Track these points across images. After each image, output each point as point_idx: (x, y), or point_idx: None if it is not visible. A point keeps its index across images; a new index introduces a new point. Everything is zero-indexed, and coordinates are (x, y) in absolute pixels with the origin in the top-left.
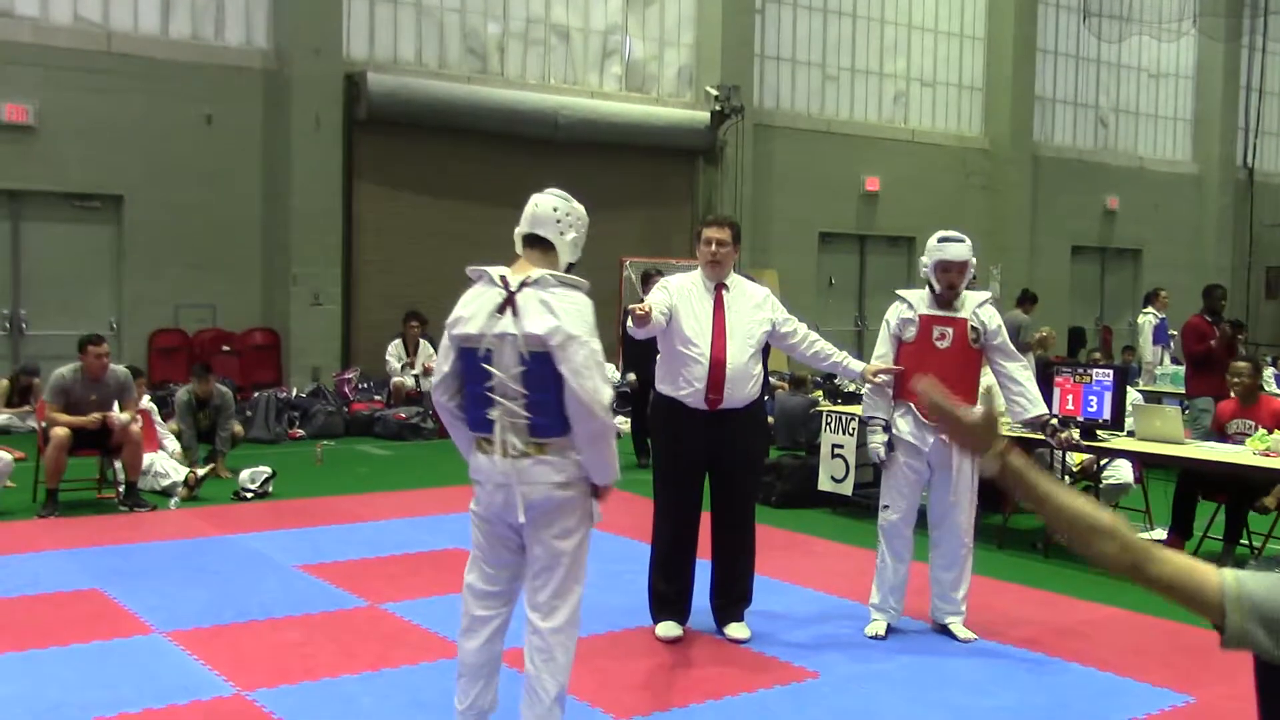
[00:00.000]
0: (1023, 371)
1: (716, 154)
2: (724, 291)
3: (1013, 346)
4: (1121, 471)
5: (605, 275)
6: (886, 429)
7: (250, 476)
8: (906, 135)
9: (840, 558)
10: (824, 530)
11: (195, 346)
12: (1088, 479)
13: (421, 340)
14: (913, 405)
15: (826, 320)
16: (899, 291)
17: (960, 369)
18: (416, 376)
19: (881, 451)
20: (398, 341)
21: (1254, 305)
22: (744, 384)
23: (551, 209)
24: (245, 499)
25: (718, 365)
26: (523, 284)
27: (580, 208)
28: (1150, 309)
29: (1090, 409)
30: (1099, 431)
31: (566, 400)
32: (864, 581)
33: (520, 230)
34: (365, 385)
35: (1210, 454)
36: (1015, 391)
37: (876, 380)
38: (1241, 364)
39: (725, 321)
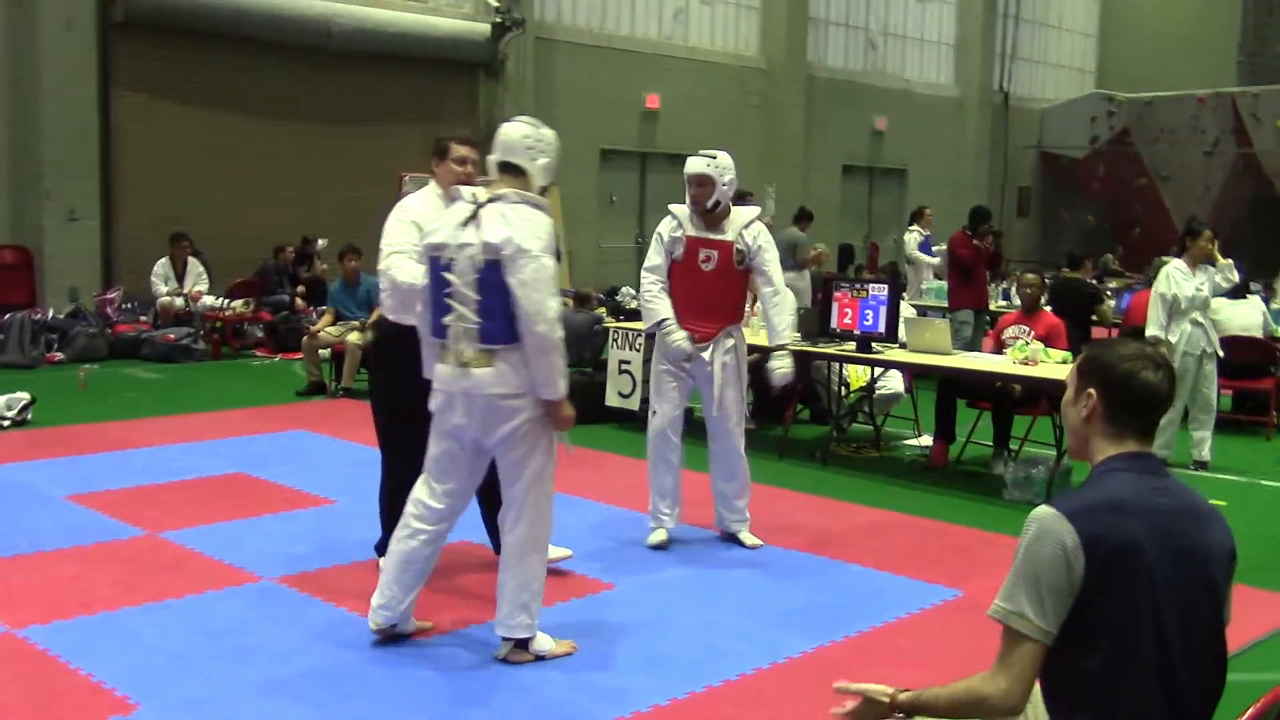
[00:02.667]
0: (774, 299)
1: (497, 68)
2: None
3: (776, 269)
4: (893, 382)
5: (384, 190)
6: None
7: (6, 403)
8: (686, 53)
9: (628, 472)
10: (612, 445)
11: None
12: (862, 389)
13: (190, 259)
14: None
15: (608, 237)
16: (671, 207)
17: (724, 291)
18: (185, 296)
19: (687, 345)
20: (164, 260)
21: (1006, 223)
22: None
23: (522, 136)
24: (2, 428)
25: None
26: (489, 199)
27: (550, 133)
28: (915, 226)
29: (866, 322)
30: (874, 344)
31: (516, 312)
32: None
33: (494, 158)
34: (129, 306)
35: (973, 364)
36: (768, 318)
37: None
38: (1030, 276)
39: None
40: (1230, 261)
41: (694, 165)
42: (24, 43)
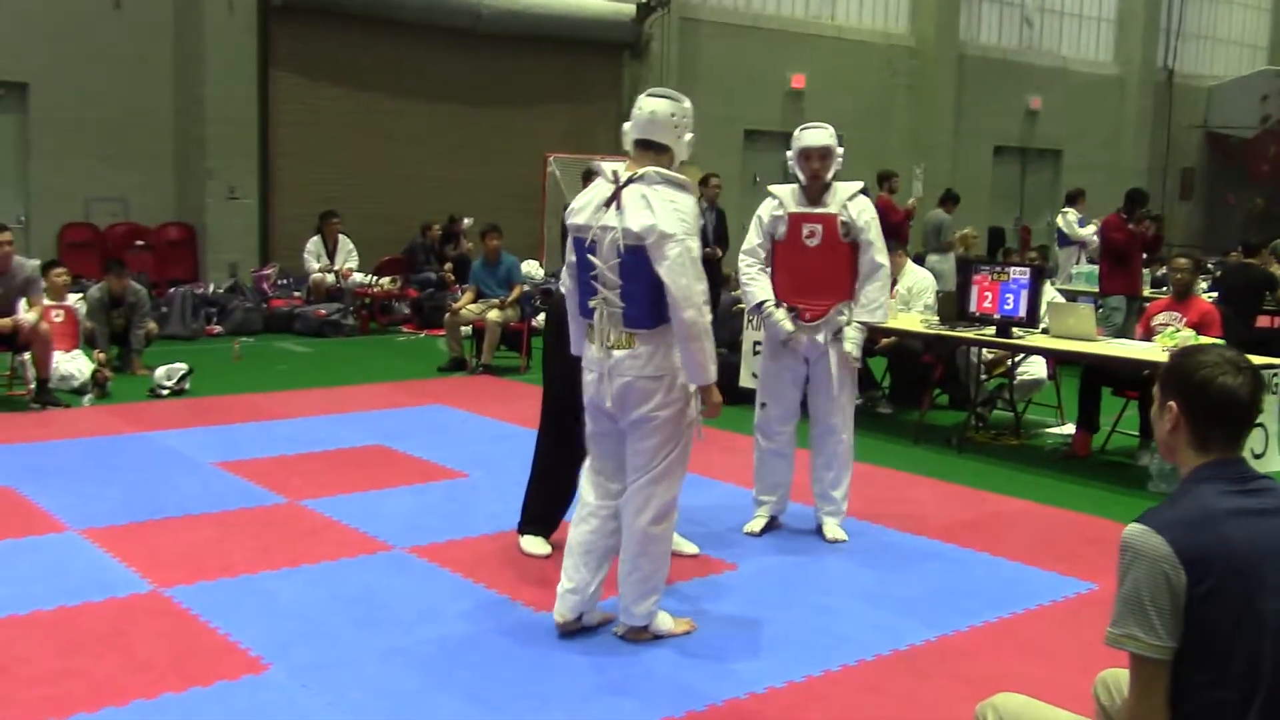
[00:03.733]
0: (872, 275)
1: (642, 49)
2: None
3: (880, 244)
4: (1035, 368)
5: (529, 171)
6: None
7: (166, 373)
8: (833, 32)
9: None
10: (744, 426)
11: (107, 241)
12: (1002, 375)
13: (341, 236)
14: (784, 303)
15: (751, 218)
16: (770, 187)
17: (832, 266)
18: (336, 273)
19: (789, 324)
20: (316, 238)
21: (1169, 207)
22: None
23: (669, 114)
24: (161, 396)
25: None
26: (630, 179)
27: (689, 104)
28: (1070, 209)
29: (1007, 306)
30: (1014, 328)
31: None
32: None
33: (632, 135)
34: (284, 281)
35: (1117, 350)
36: (861, 291)
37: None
38: (1182, 260)
39: None
40: None
41: (817, 137)
42: (189, 27)
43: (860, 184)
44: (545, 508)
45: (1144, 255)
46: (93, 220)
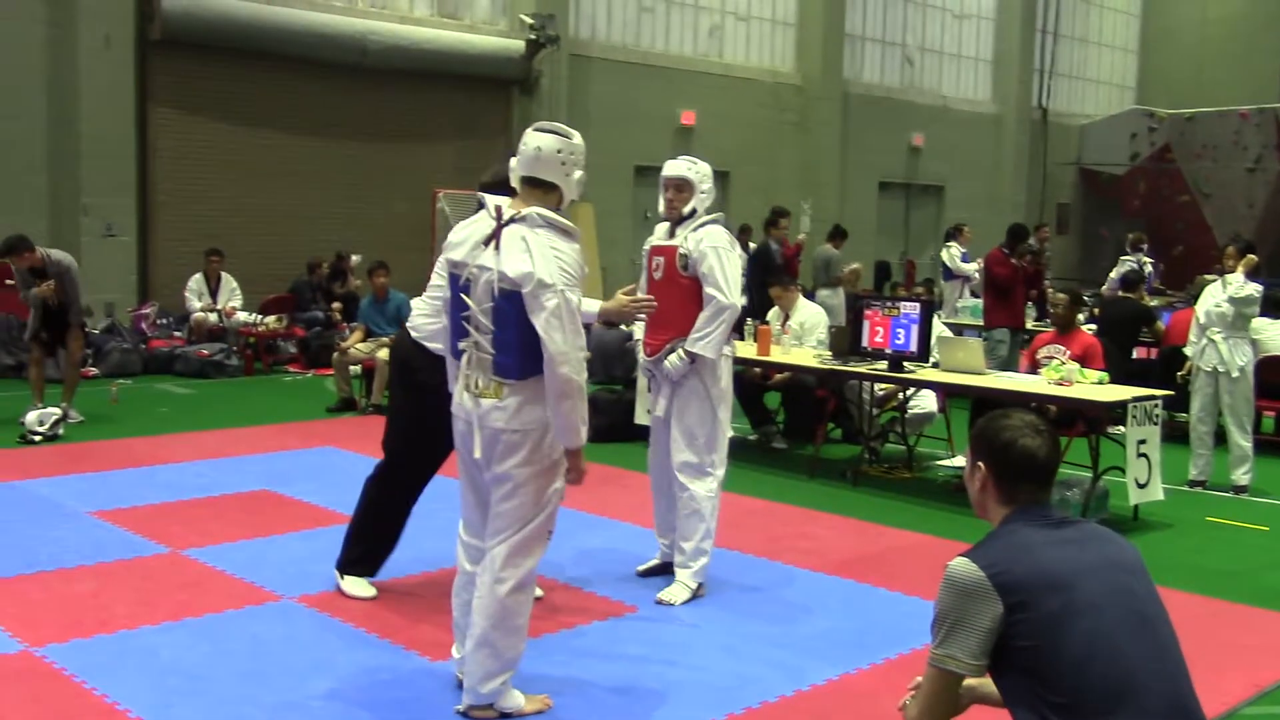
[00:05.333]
0: (707, 306)
1: (532, 84)
2: None
3: (720, 278)
4: (926, 401)
5: (418, 207)
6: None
7: (38, 418)
8: (721, 69)
9: None
10: (639, 464)
11: None
12: (894, 409)
13: (224, 274)
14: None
15: (639, 253)
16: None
17: (670, 299)
18: (219, 311)
19: (640, 357)
20: (198, 276)
21: (1050, 241)
22: None
23: (555, 150)
24: (33, 443)
25: None
26: (511, 219)
27: (580, 140)
28: (953, 243)
29: (898, 341)
30: (906, 363)
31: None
32: None
33: (519, 172)
34: (164, 321)
35: (1006, 384)
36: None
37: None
38: (1061, 295)
39: None
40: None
41: (673, 168)
42: (63, 60)
43: (717, 216)
44: (369, 548)
45: (1029, 290)
46: None
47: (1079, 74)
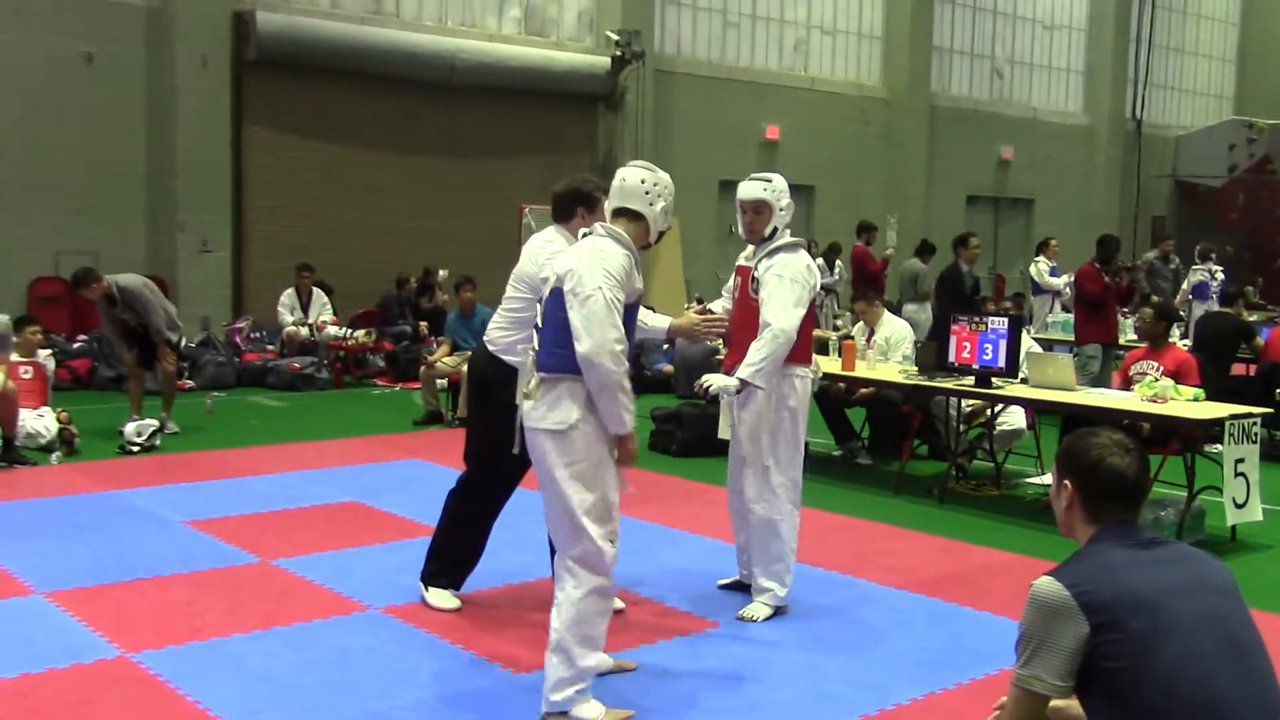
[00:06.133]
0: (761, 332)
1: (617, 100)
2: None
3: (777, 303)
4: (1014, 418)
5: (505, 221)
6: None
7: (136, 430)
8: (806, 83)
9: None
10: (723, 479)
11: (77, 295)
12: (982, 425)
13: (315, 290)
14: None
15: (726, 268)
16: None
17: (743, 320)
18: (310, 325)
19: (714, 380)
20: (290, 291)
21: (1140, 254)
22: None
23: (639, 181)
24: (131, 453)
25: None
26: (586, 234)
27: (666, 176)
28: (1041, 258)
29: (986, 357)
30: (993, 379)
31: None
32: None
33: (610, 204)
34: (257, 335)
35: (1097, 400)
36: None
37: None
38: (1147, 310)
39: None
40: None
41: (748, 190)
42: (162, 81)
43: (794, 240)
44: (451, 561)
45: (1120, 305)
46: (63, 274)
47: (1174, 84)
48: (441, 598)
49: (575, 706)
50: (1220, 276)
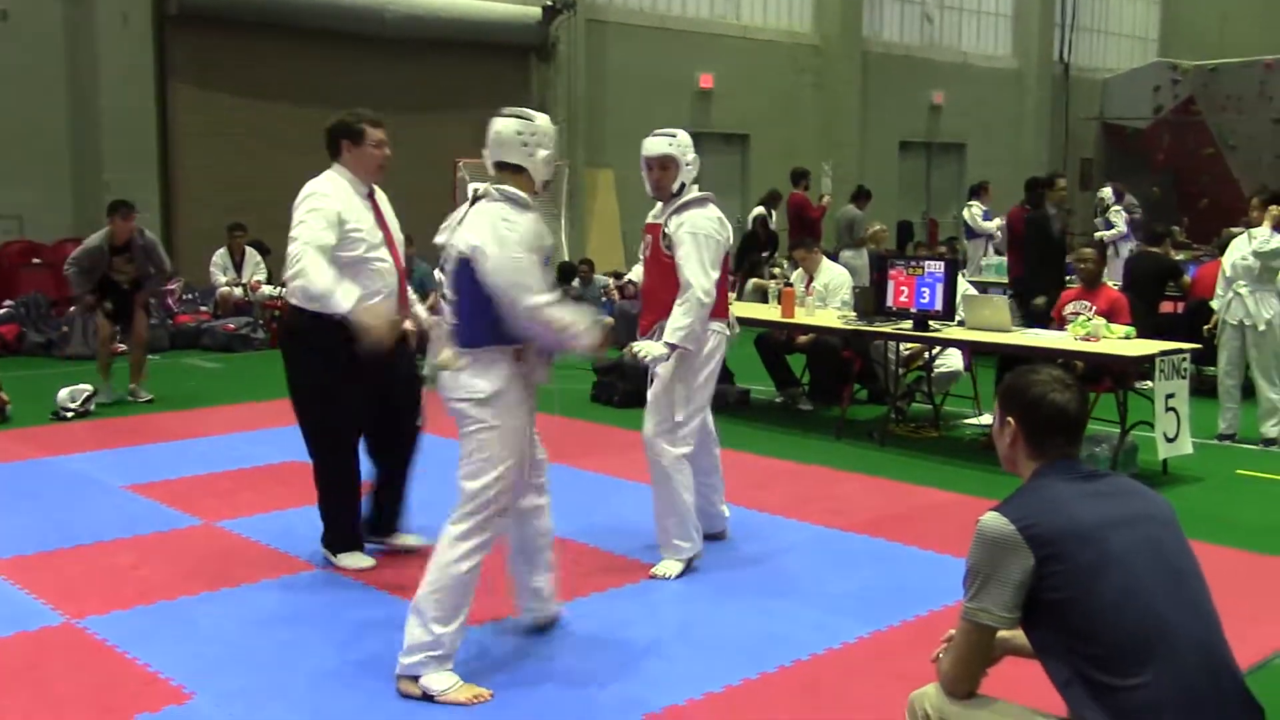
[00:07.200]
0: (679, 295)
1: (550, 51)
2: (374, 197)
3: (692, 265)
4: (952, 360)
5: (438, 175)
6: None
7: (70, 395)
8: (739, 32)
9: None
10: None
11: (2, 260)
12: (920, 368)
13: (248, 249)
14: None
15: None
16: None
17: (655, 280)
18: (244, 285)
19: (663, 354)
20: (223, 251)
21: (1070, 197)
22: None
23: (515, 132)
24: (65, 419)
25: (402, 276)
26: (477, 197)
27: (544, 121)
28: (975, 202)
29: (923, 300)
30: (931, 322)
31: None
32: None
33: (488, 158)
34: (190, 296)
35: (1032, 340)
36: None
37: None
38: (1087, 250)
39: (389, 229)
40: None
41: (652, 146)
42: (82, 39)
43: (702, 195)
44: (339, 523)
45: None
46: None
47: (1101, 27)
48: (352, 559)
49: (425, 674)
50: (1123, 217)
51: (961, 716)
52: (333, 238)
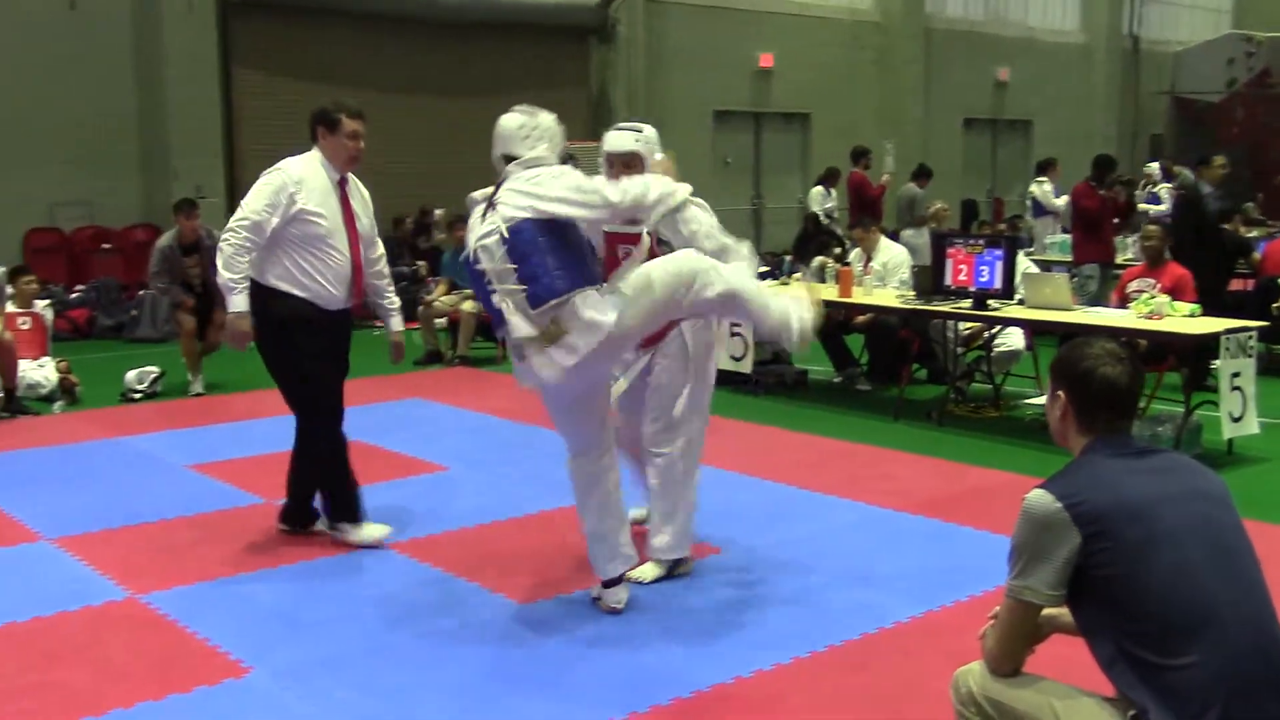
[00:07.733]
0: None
1: (609, 33)
2: (346, 186)
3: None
4: (1012, 339)
5: None
6: None
7: (137, 377)
8: (798, 10)
9: (739, 435)
10: (724, 409)
11: (73, 245)
12: (980, 348)
13: None
14: None
15: (722, 200)
16: None
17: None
18: None
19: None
20: None
21: (1139, 172)
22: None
23: (517, 125)
24: (133, 400)
25: (357, 267)
26: (496, 189)
27: (547, 118)
28: (1045, 179)
29: (982, 279)
30: (990, 301)
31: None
32: (763, 457)
33: (495, 154)
34: None
35: (1093, 319)
36: None
37: None
38: (1152, 228)
39: (355, 222)
40: None
41: (616, 142)
42: (148, 27)
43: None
44: (339, 497)
45: (1116, 222)
46: (58, 225)
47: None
48: (364, 531)
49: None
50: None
51: (1005, 694)
52: (274, 216)
